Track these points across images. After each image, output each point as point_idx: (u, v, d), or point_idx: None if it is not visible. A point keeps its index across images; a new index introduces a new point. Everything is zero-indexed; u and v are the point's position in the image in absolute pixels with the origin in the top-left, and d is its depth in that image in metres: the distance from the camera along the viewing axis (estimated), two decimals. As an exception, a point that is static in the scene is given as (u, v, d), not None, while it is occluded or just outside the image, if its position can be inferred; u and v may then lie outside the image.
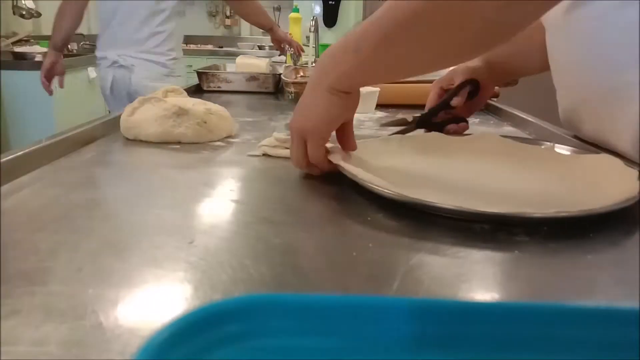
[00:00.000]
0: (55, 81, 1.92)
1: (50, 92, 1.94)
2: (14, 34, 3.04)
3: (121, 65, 1.78)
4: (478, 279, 0.37)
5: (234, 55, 2.96)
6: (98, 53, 1.85)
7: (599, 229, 0.45)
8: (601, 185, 0.52)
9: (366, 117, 1.00)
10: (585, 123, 0.70)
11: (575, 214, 0.44)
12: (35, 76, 2.32)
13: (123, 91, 1.80)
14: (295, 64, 1.91)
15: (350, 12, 4.35)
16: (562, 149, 0.64)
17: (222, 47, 4.04)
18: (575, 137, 0.74)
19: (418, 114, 0.77)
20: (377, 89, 1.06)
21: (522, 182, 0.56)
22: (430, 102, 0.80)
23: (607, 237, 0.44)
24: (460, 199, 0.46)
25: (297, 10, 2.15)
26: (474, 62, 0.78)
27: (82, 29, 3.74)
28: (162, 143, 0.75)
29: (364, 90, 1.04)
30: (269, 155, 0.68)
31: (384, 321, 0.25)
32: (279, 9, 4.31)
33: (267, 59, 1.54)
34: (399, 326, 0.25)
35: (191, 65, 2.15)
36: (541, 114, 0.88)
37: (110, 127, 0.81)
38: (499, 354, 0.25)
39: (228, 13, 4.30)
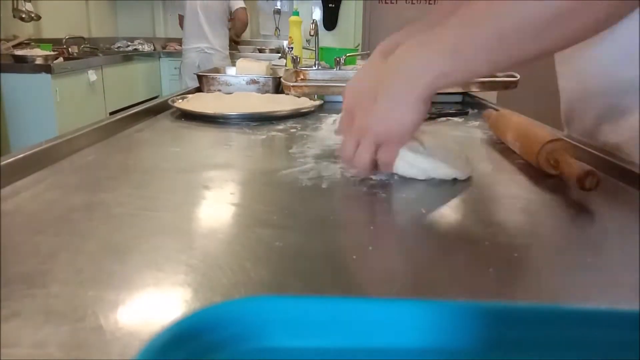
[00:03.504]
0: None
1: None
2: (15, 37, 3.04)
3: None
4: (478, 281, 0.37)
5: (234, 58, 2.97)
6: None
7: (599, 231, 0.45)
8: None
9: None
10: (587, 113, 0.71)
11: None
12: (36, 79, 2.33)
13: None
14: (295, 67, 1.91)
15: (350, 15, 4.36)
16: None
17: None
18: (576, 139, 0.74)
19: None
20: None
21: None
22: None
23: (606, 239, 0.44)
24: None
25: (297, 13, 2.15)
26: None
27: (83, 32, 3.75)
28: (162, 146, 0.75)
29: None
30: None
31: (385, 324, 0.25)
32: (278, 12, 4.32)
33: (268, 62, 1.54)
34: (399, 329, 0.25)
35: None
36: (540, 116, 0.88)
37: (110, 130, 0.81)
38: (499, 355, 0.25)
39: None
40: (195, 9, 3.16)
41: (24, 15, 2.98)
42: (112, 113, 2.56)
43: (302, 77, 1.48)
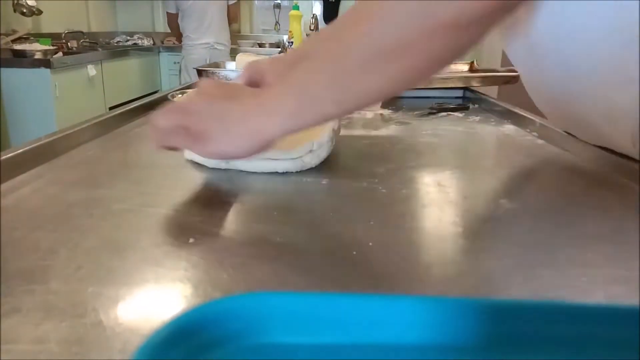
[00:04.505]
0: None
1: None
2: (14, 31, 3.03)
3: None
4: (478, 276, 0.37)
5: (234, 52, 2.96)
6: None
7: (599, 227, 0.45)
8: None
9: (372, 115, 1.01)
10: (579, 113, 0.66)
11: None
12: (36, 74, 2.32)
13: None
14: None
15: (350, 9, 4.36)
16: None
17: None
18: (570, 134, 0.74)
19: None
20: None
21: None
22: None
23: (607, 235, 0.44)
24: None
25: (297, 7, 2.15)
26: None
27: (82, 27, 3.74)
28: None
29: None
30: None
31: (385, 320, 0.25)
32: (278, 6, 4.31)
33: (268, 57, 1.53)
34: (400, 325, 0.25)
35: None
36: (539, 110, 0.88)
37: (109, 125, 0.81)
38: (498, 353, 0.25)
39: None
40: (200, 4, 3.13)
41: (25, 10, 2.97)
42: (111, 108, 2.56)
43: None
